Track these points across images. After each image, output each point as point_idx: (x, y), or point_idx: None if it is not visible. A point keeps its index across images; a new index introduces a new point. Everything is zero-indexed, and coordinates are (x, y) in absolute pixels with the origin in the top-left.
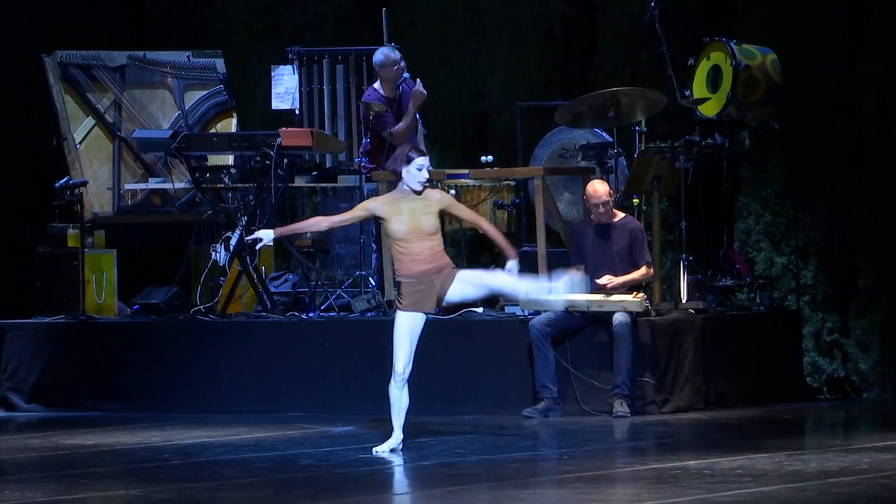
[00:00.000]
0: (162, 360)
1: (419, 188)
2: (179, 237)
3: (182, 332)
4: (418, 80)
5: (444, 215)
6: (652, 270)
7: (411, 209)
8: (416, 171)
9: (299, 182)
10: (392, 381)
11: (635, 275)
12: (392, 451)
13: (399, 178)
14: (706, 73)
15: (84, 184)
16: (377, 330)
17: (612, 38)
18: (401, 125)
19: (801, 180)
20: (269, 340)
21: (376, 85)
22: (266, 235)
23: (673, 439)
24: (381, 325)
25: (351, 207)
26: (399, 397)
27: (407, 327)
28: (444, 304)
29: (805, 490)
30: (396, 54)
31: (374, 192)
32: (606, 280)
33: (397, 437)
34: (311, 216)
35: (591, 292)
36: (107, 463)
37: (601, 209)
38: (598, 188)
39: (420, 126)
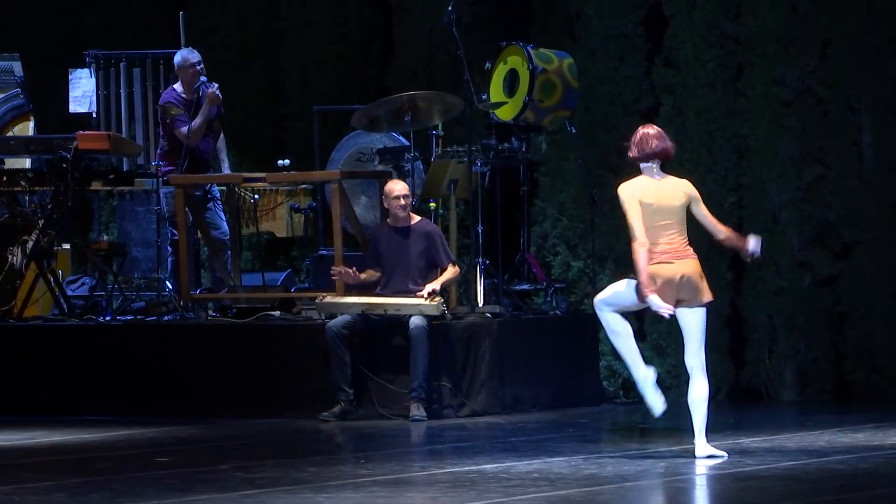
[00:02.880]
0: None
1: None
2: None
3: None
4: (215, 83)
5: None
6: (458, 268)
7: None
8: None
9: (96, 185)
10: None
11: (448, 275)
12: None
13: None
14: (503, 77)
15: None
16: (175, 333)
17: (410, 42)
18: (194, 123)
19: (597, 185)
20: (66, 344)
21: (176, 86)
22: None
23: (469, 443)
24: (178, 329)
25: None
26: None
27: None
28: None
29: (602, 494)
30: (195, 57)
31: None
32: (430, 288)
33: (701, 438)
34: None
35: (390, 295)
36: None
37: (401, 202)
38: (398, 184)
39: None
